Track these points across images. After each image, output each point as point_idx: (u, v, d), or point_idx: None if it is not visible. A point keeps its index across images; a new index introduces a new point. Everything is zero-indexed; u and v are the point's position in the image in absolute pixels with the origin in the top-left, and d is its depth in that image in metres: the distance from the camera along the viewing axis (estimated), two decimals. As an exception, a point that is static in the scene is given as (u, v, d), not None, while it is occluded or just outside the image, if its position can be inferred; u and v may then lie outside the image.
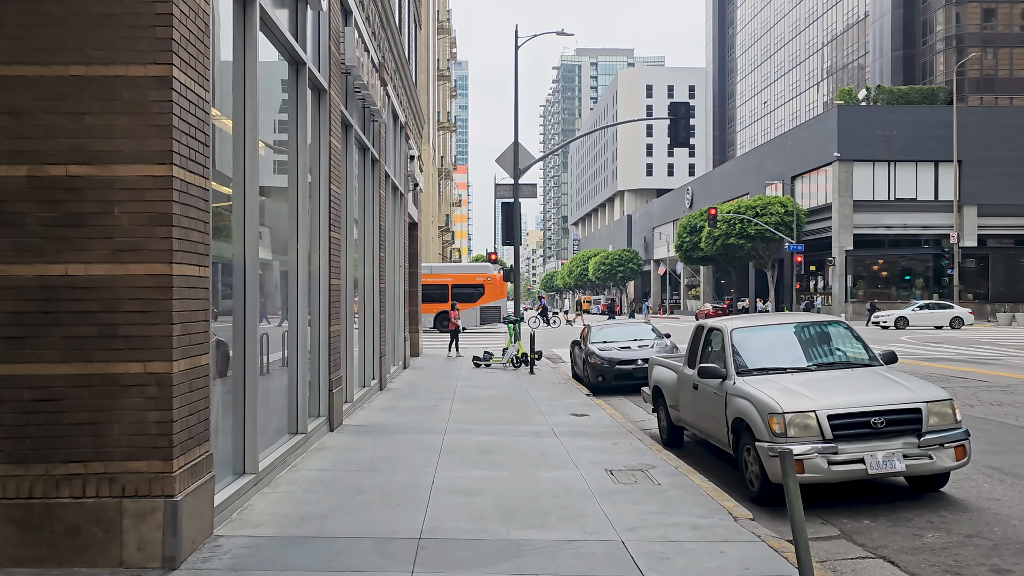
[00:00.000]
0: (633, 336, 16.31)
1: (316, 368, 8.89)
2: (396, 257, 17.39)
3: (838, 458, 6.23)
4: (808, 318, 8.22)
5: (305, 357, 7.96)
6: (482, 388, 14.51)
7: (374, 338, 13.37)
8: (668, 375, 9.51)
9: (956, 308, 41.90)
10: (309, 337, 8.65)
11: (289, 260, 7.76)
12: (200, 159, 4.85)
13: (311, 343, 8.80)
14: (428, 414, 11.07)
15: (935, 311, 41.40)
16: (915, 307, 42.35)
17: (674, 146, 23.21)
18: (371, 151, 12.71)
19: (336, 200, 9.38)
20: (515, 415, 11.07)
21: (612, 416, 11.12)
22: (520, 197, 21.99)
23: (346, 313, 10.61)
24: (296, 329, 7.81)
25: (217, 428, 5.77)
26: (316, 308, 8.87)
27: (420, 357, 22.08)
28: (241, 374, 6.03)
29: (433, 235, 53.00)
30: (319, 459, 7.70)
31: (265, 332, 7.18)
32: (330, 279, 9.05)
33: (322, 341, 8.94)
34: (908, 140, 51.16)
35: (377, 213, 13.44)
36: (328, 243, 9.01)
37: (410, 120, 19.61)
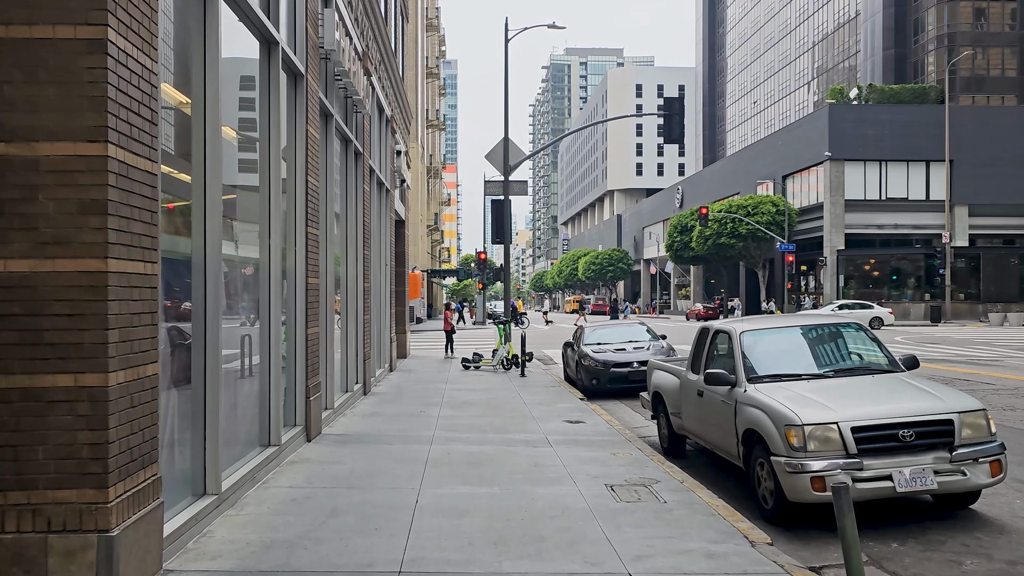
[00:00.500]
0: (628, 337, 15.72)
1: (292, 374, 8.25)
2: (382, 255, 16.75)
3: (863, 475, 5.65)
4: (822, 319, 7.64)
5: (279, 362, 7.32)
6: (471, 392, 13.89)
7: (358, 340, 12.73)
8: (669, 380, 8.92)
9: (876, 308, 41.54)
10: (284, 340, 8.01)
11: (260, 257, 7.11)
12: (146, 139, 4.21)
13: (286, 347, 8.16)
14: (414, 421, 10.44)
15: (854, 311, 41.03)
16: (834, 307, 42.13)
17: (668, 142, 22.67)
18: (354, 143, 12.07)
19: (314, 193, 8.73)
20: (506, 422, 10.46)
21: (609, 423, 10.53)
22: (511, 194, 21.39)
23: (326, 314, 9.97)
24: (268, 332, 7.17)
25: (173, 445, 5.13)
26: (291, 309, 8.23)
27: (408, 359, 21.44)
28: (201, 383, 5.39)
29: (422, 234, 52.33)
30: (293, 474, 7.06)
31: (233, 335, 6.54)
32: (307, 278, 8.41)
33: (298, 344, 8.29)
34: (899, 139, 50.90)
35: (361, 209, 12.79)
36: (305, 239, 8.37)
37: (397, 114, 18.97)
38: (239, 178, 6.84)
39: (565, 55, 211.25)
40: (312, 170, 8.65)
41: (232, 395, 6.38)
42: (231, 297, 6.41)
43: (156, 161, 4.34)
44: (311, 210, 8.60)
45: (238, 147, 6.81)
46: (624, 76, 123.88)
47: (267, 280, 7.15)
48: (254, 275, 7.02)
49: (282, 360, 7.95)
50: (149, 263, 4.23)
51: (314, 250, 8.74)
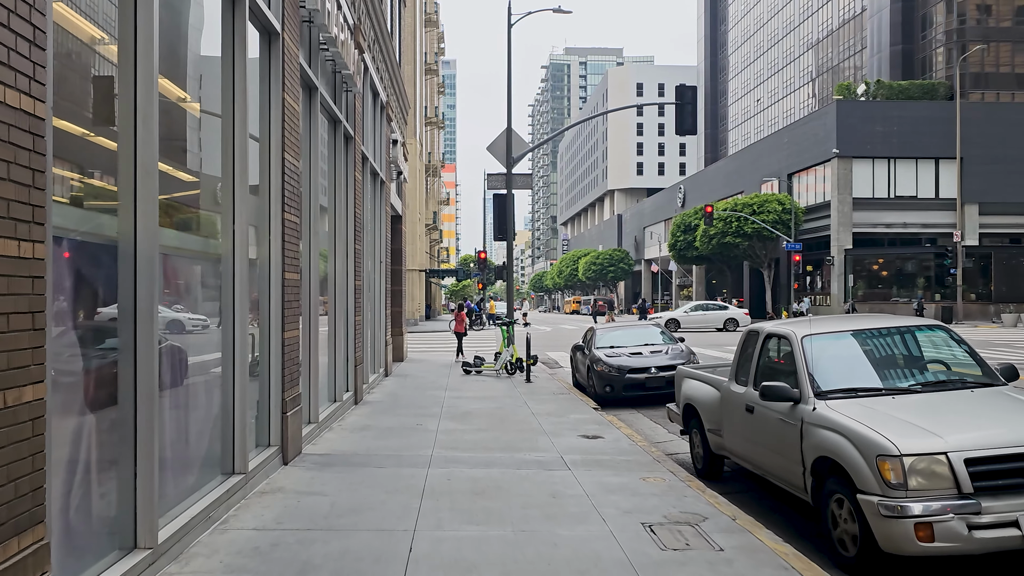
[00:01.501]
0: (643, 340, 14.49)
1: (265, 385, 7.01)
2: (377, 251, 15.51)
3: (982, 520, 4.42)
4: (898, 321, 6.40)
5: (245, 372, 6.07)
6: (474, 400, 12.65)
7: (348, 344, 11.49)
8: (705, 392, 7.69)
9: (731, 309, 40.40)
10: (255, 345, 6.77)
11: (222, 246, 5.88)
12: (23, 65, 2.98)
13: (259, 353, 6.93)
14: (410, 436, 9.20)
15: (708, 312, 39.83)
16: (687, 308, 41.12)
17: (680, 133, 21.41)
18: (343, 125, 10.83)
19: (293, 174, 7.50)
20: (515, 437, 9.23)
21: (630, 437, 9.30)
22: (514, 187, 20.16)
23: (310, 315, 8.74)
24: (232, 336, 5.93)
25: (89, 487, 3.90)
26: (265, 309, 7.00)
27: (405, 362, 20.19)
28: (130, 403, 4.16)
29: (420, 233, 51.09)
30: (261, 510, 5.81)
31: (186, 342, 5.30)
32: (284, 272, 7.17)
33: (273, 350, 7.06)
34: (908, 136, 49.74)
35: (352, 199, 11.56)
36: (282, 227, 7.14)
37: (393, 101, 17.74)
38: (195, 152, 5.61)
39: (564, 55, 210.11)
40: (291, 147, 7.41)
41: (180, 415, 5.15)
42: (179, 294, 5.19)
43: (43, 100, 3.11)
44: (289, 194, 7.36)
45: (197, 116, 5.59)
46: (625, 75, 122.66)
47: (230, 274, 5.91)
48: (213, 268, 5.79)
49: (253, 369, 6.72)
50: (28, 242, 3.00)
51: (293, 240, 7.50)
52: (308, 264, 8.72)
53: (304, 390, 8.57)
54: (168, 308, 5.00)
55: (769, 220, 50.04)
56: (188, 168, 5.39)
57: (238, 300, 5.95)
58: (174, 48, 5.14)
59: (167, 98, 4.85)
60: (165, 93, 4.77)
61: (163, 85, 4.73)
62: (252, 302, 6.81)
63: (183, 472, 5.16)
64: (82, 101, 4.00)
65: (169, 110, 4.95)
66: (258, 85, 6.92)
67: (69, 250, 3.72)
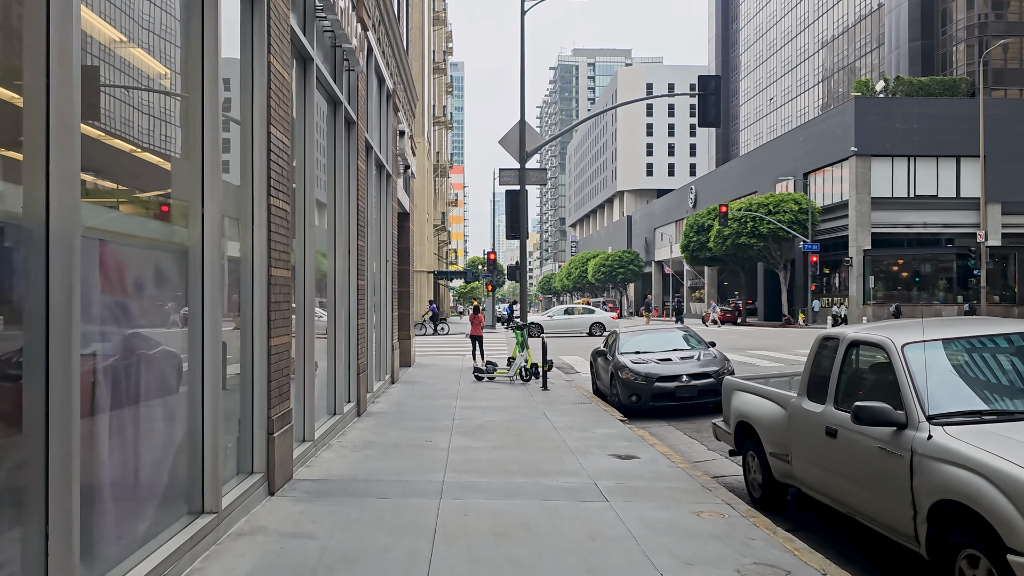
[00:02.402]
0: (672, 345, 13.34)
1: (247, 401, 5.92)
2: (383, 249, 14.43)
3: None
4: (1020, 327, 5.23)
5: (218, 387, 4.98)
6: (488, 411, 11.54)
7: (349, 350, 10.40)
8: (765, 409, 6.56)
9: (598, 313, 39.35)
10: (235, 355, 5.68)
11: (189, 236, 4.79)
12: None
13: (242, 364, 5.84)
14: (418, 456, 8.09)
15: (574, 316, 38.73)
16: (552, 313, 40.10)
17: (703, 125, 20.33)
18: (345, 107, 9.75)
19: (281, 151, 6.41)
20: (537, 456, 8.11)
21: (667, 457, 8.17)
22: (528, 183, 19.07)
23: (304, 317, 7.65)
24: (202, 343, 4.84)
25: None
26: (248, 311, 5.91)
27: (412, 367, 19.11)
28: (40, 431, 3.06)
29: (428, 233, 50.05)
30: (232, 561, 4.71)
31: (134, 347, 4.21)
32: (270, 268, 6.08)
33: (257, 360, 5.96)
34: (929, 134, 48.44)
35: (354, 189, 10.48)
36: (267, 214, 6.05)
37: (400, 90, 16.66)
38: (149, 123, 4.52)
39: (573, 56, 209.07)
40: (279, 121, 6.32)
41: (131, 444, 4.06)
42: (128, 292, 4.10)
43: None
44: (277, 176, 6.27)
45: (147, 73, 4.50)
46: (634, 74, 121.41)
47: (199, 269, 4.82)
48: (177, 262, 4.70)
49: (232, 382, 5.63)
50: None
51: (281, 231, 6.41)
52: (302, 260, 7.63)
53: (297, 404, 7.48)
54: (118, 309, 3.92)
55: (785, 220, 48.82)
56: (137, 139, 4.30)
57: (208, 300, 4.86)
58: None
59: (105, 47, 3.77)
60: (99, 36, 3.69)
61: (96, 24, 3.65)
62: (232, 304, 5.73)
63: (132, 518, 4.07)
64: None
65: (110, 60, 3.87)
66: (239, 45, 5.84)
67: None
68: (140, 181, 4.33)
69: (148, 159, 4.33)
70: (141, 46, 4.26)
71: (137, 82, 4.23)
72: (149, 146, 4.35)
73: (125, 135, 4.06)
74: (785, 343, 28.63)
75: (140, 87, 4.26)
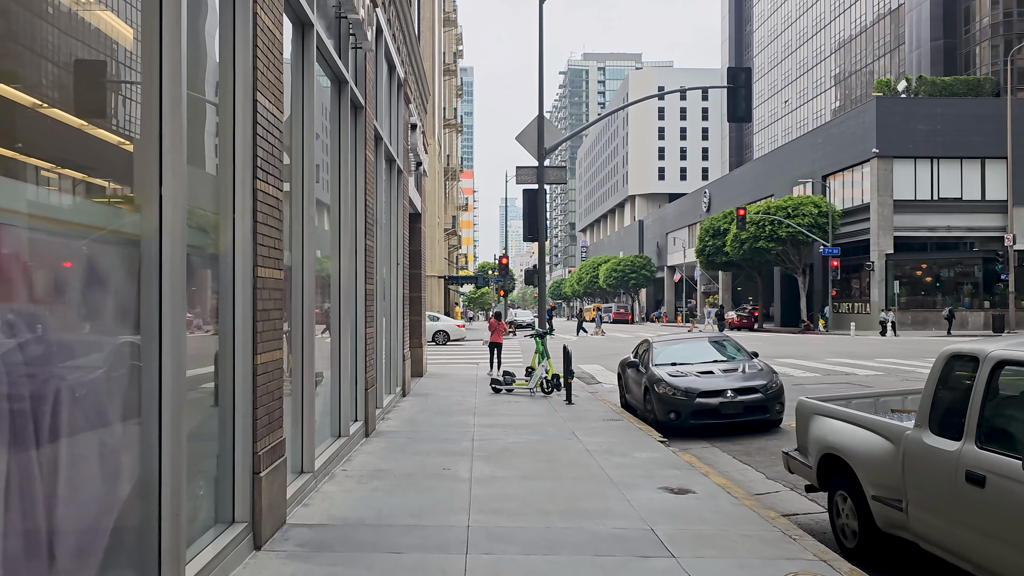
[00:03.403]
0: (712, 356, 12.11)
1: (227, 433, 4.76)
2: (393, 251, 13.29)
3: None
4: None
5: (179, 417, 3.81)
6: (510, 430, 10.35)
7: (356, 362, 9.24)
8: (862, 440, 5.35)
9: (442, 320, 37.74)
10: (213, 374, 4.52)
11: (143, 225, 3.64)
12: None
13: (220, 386, 4.68)
14: (435, 490, 6.90)
15: (429, 322, 37.50)
16: None
17: (732, 120, 19.12)
18: (351, 88, 8.60)
19: (270, 127, 5.26)
20: (574, 489, 6.91)
21: (727, 490, 6.96)
22: (547, 181, 17.93)
23: (303, 326, 6.49)
24: (158, 361, 3.68)
25: None
26: (227, 320, 4.75)
27: (425, 377, 17.94)
28: None
29: (439, 237, 48.95)
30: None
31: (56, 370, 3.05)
32: (256, 268, 4.92)
33: (240, 382, 4.80)
34: (953, 135, 47.06)
35: (361, 181, 9.33)
36: (252, 200, 4.90)
37: (411, 81, 15.54)
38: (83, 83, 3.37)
39: (583, 60, 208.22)
40: (267, 87, 5.17)
41: (40, 501, 2.89)
42: (31, 294, 2.94)
43: None
44: (265, 154, 5.12)
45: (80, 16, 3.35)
46: (645, 78, 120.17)
47: (154, 265, 3.66)
48: (123, 256, 3.54)
49: (206, 409, 4.47)
50: None
51: (272, 222, 5.25)
52: (300, 258, 6.48)
53: (294, 430, 6.32)
54: (23, 316, 2.77)
55: (804, 224, 47.51)
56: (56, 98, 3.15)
57: (168, 306, 3.69)
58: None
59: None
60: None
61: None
62: (210, 311, 4.58)
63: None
64: None
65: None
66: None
67: None
68: (66, 151, 3.18)
69: (77, 124, 3.18)
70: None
71: (68, 26, 3.08)
72: (83, 108, 3.20)
73: (45, 95, 2.91)
74: (810, 350, 27.35)
75: (73, 35, 3.11)
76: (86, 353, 3.27)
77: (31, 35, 2.90)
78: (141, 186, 3.64)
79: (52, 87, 3.01)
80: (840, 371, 19.16)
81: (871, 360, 22.52)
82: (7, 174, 2.72)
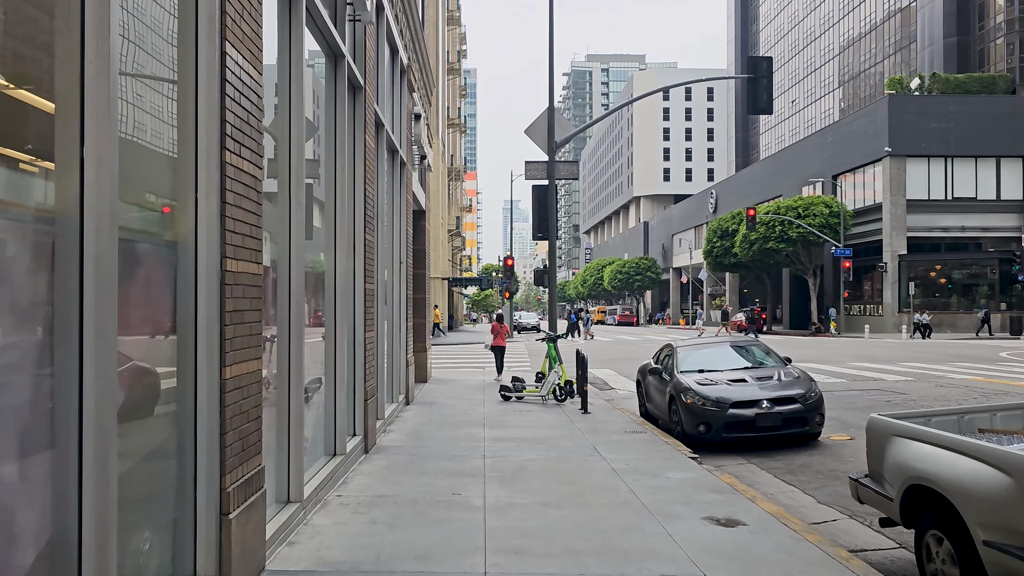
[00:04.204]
0: (743, 362, 11.13)
1: (186, 467, 3.81)
2: (397, 250, 12.35)
3: None
4: None
5: (108, 446, 2.86)
6: (524, 444, 9.40)
7: (354, 370, 8.29)
8: (966, 470, 4.38)
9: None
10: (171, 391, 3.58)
11: (58, 195, 2.70)
12: None
13: (178, 407, 3.74)
14: (444, 522, 5.94)
15: None
16: None
17: (753, 112, 18.14)
18: (348, 64, 7.66)
19: (244, 88, 4.32)
20: (606, 520, 5.95)
21: (781, 519, 6.00)
22: (557, 177, 17.01)
23: (290, 332, 5.55)
24: (79, 374, 2.73)
25: None
26: (187, 325, 3.80)
27: (429, 383, 17.00)
28: None
29: (443, 238, 48.04)
30: None
31: None
32: (224, 260, 3.98)
33: (203, 402, 3.85)
34: (967, 133, 46.06)
35: (360, 170, 8.39)
36: (220, 178, 3.95)
37: (415, 68, 14.61)
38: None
39: (586, 62, 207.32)
40: (240, 40, 4.23)
41: None
42: None
43: None
44: (236, 120, 4.17)
45: None
46: (650, 78, 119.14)
47: (72, 253, 2.71)
48: (29, 242, 2.60)
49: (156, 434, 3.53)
50: None
51: (246, 205, 4.30)
52: (287, 251, 5.53)
53: (279, 455, 5.38)
54: None
55: (816, 224, 46.51)
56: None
57: (92, 302, 2.75)
58: None
59: None
60: None
61: None
62: (166, 313, 3.63)
63: None
64: None
65: None
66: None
67: None
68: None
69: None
70: None
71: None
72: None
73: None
74: (829, 354, 26.34)
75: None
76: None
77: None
78: (55, 145, 2.70)
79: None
80: (867, 376, 18.18)
81: (894, 364, 21.53)
82: None
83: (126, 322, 3.21)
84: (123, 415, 3.12)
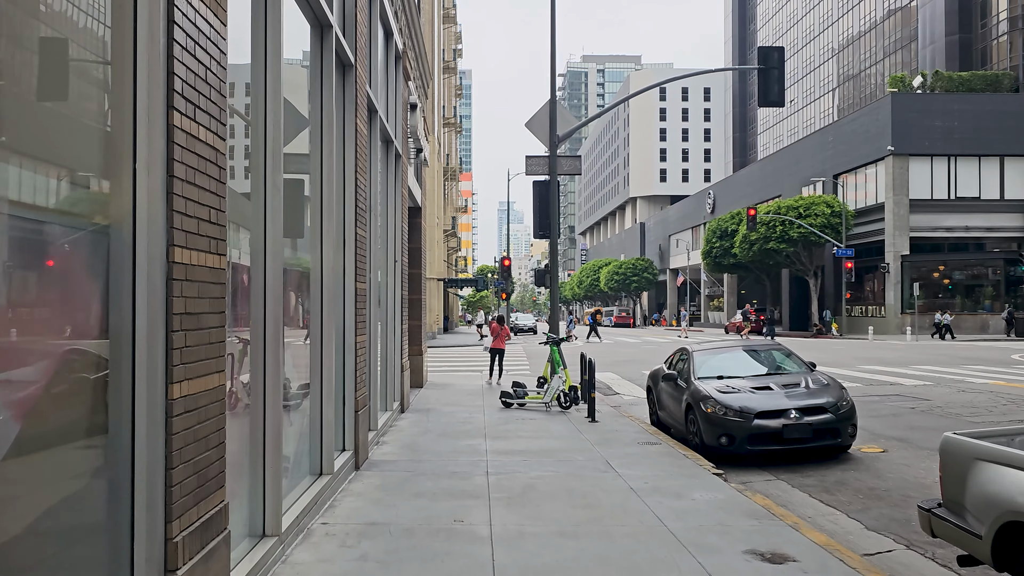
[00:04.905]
0: (764, 367, 10.31)
1: (122, 510, 2.98)
2: (391, 247, 11.52)
3: None
4: None
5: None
6: (531, 458, 8.57)
7: (343, 379, 7.46)
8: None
9: None
10: (100, 415, 2.75)
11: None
12: None
13: (111, 436, 2.91)
14: (444, 559, 5.11)
15: None
16: None
17: (764, 105, 17.36)
18: (336, 36, 6.83)
19: (201, 35, 3.49)
20: (632, 554, 5.13)
21: (833, 551, 5.20)
22: (560, 172, 16.22)
23: (264, 341, 4.72)
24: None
25: None
26: (122, 331, 2.97)
27: (425, 388, 16.16)
28: None
29: (439, 239, 47.19)
30: None
31: None
32: (171, 250, 3.15)
33: (143, 429, 3.02)
34: (971, 132, 45.41)
35: (351, 157, 7.56)
36: (166, 144, 3.13)
37: (411, 55, 13.78)
38: None
39: (582, 62, 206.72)
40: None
41: None
42: None
43: None
44: (191, 77, 3.34)
45: None
46: (646, 78, 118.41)
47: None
48: None
49: (79, 472, 2.70)
50: None
51: (202, 181, 3.47)
52: (261, 242, 4.71)
53: (252, 482, 4.55)
54: None
55: (817, 224, 45.79)
56: None
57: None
58: None
59: None
60: None
61: None
62: (94, 317, 2.81)
63: None
64: None
65: None
66: None
67: None
68: None
69: None
70: None
71: None
72: None
73: None
74: (837, 356, 25.55)
75: None
76: None
77: None
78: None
79: None
80: (882, 380, 17.39)
81: (907, 367, 20.76)
82: None
83: (29, 328, 2.39)
84: (22, 451, 2.31)
